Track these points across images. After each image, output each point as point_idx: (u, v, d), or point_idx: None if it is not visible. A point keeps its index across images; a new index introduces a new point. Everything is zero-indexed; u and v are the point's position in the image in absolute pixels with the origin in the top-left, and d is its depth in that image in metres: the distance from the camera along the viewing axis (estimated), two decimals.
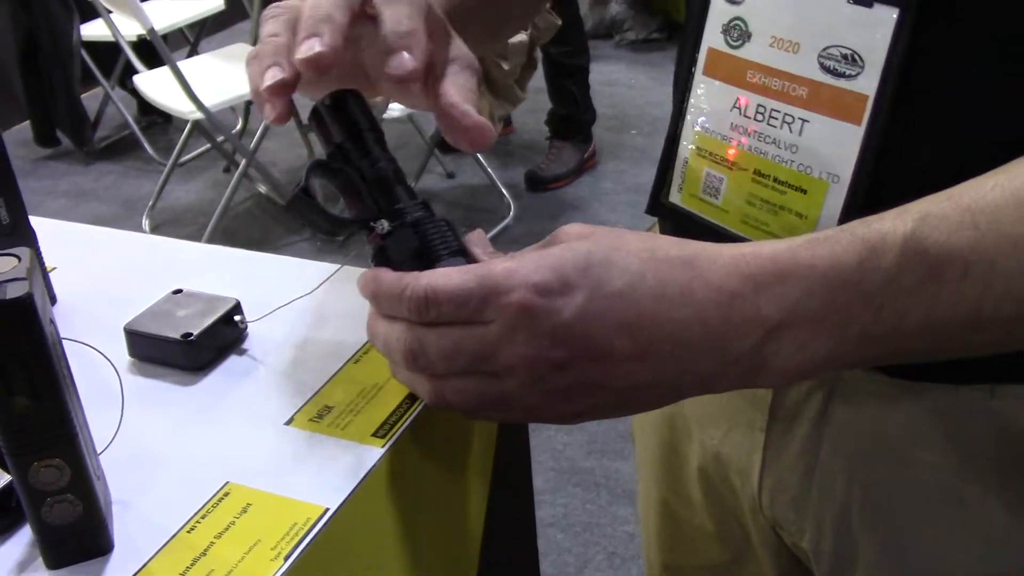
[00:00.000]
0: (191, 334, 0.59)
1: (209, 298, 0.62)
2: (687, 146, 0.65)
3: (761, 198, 0.60)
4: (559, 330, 0.45)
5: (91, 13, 3.07)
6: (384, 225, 0.52)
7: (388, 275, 0.49)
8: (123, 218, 3.18)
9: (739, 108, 0.61)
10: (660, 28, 4.31)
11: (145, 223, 3.10)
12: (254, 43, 3.19)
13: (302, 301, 0.65)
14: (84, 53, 3.45)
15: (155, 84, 2.84)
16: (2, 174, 0.63)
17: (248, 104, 3.41)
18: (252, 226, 3.12)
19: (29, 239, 0.66)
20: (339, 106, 0.55)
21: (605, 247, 0.46)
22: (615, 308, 0.45)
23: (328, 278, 0.67)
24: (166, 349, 0.59)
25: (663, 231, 0.74)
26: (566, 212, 3.05)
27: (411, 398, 0.56)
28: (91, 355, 0.57)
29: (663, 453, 0.80)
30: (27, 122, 3.62)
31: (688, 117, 0.65)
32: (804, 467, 0.65)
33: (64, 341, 0.47)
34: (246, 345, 0.62)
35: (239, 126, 3.50)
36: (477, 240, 0.53)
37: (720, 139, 0.62)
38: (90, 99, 3.65)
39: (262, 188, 3.21)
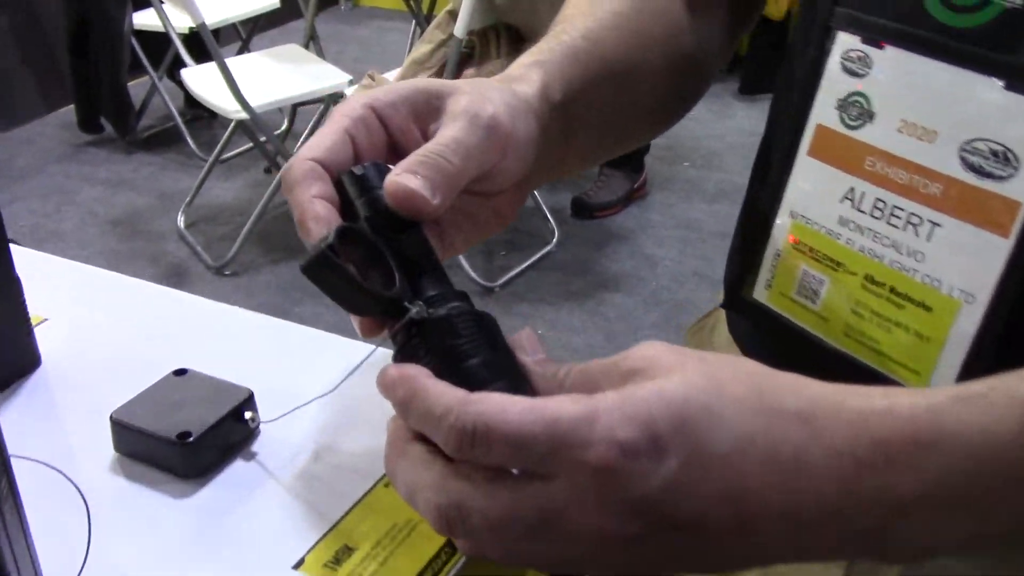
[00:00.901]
0: (189, 434, 0.49)
1: (217, 385, 0.52)
2: (781, 236, 0.55)
3: (872, 309, 0.50)
4: (643, 501, 0.36)
5: (144, 1, 3.02)
6: (421, 310, 0.42)
7: (429, 383, 0.39)
8: (159, 211, 3.13)
9: (852, 200, 0.51)
10: None
11: (180, 219, 3.04)
12: (306, 44, 3.13)
13: (334, 398, 0.55)
14: (134, 41, 3.40)
15: (202, 79, 2.78)
16: None
17: (294, 107, 3.35)
18: (289, 231, 3.03)
19: (11, 291, 0.57)
20: (368, 175, 0.47)
21: (704, 394, 0.37)
22: (714, 476, 0.36)
23: (357, 367, 0.57)
24: (158, 449, 0.50)
25: (739, 331, 0.64)
26: (611, 242, 2.95)
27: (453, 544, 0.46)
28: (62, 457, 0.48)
29: None
30: (72, 106, 3.58)
31: (785, 201, 0.55)
32: None
33: (15, 459, 0.38)
34: (256, 446, 0.52)
35: (284, 127, 3.44)
36: (525, 342, 0.44)
37: (825, 233, 0.52)
38: (137, 88, 3.60)
39: None
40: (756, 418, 0.36)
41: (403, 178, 0.45)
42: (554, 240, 2.90)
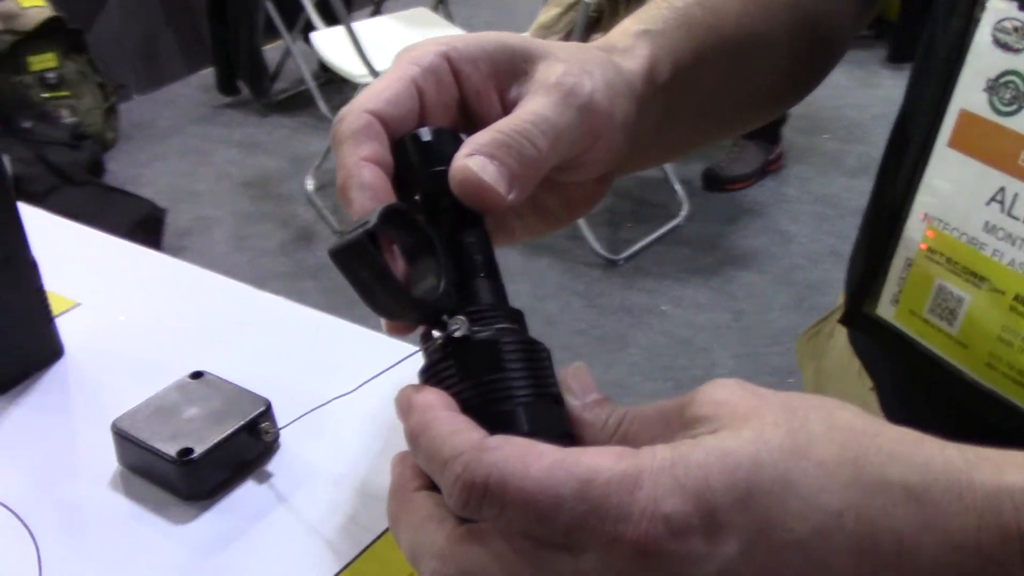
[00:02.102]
0: (191, 451, 0.44)
1: (233, 392, 0.47)
2: (913, 241, 0.46)
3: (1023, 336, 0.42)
4: None
5: None
6: (461, 325, 0.35)
7: (444, 417, 0.33)
8: (289, 174, 3.16)
9: (1001, 202, 0.42)
10: (869, 24, 3.96)
11: (309, 182, 3.06)
12: (435, 7, 3.10)
13: (362, 406, 0.49)
14: (269, 5, 3.43)
15: (331, 43, 2.77)
16: None
17: None
18: None
19: (28, 274, 0.54)
20: (436, 143, 0.39)
21: (781, 457, 0.29)
22: (787, 567, 0.28)
23: (380, 373, 0.51)
24: (158, 466, 0.45)
25: (861, 346, 0.56)
26: (743, 217, 2.82)
27: None
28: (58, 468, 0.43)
29: None
30: (211, 68, 3.65)
31: (918, 201, 0.46)
32: None
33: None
34: (272, 465, 0.46)
35: None
36: (572, 381, 0.36)
37: (966, 242, 0.44)
38: (273, 51, 3.65)
39: None
40: (848, 491, 0.29)
41: (475, 163, 0.37)
42: (683, 213, 2.79)
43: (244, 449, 0.46)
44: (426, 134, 0.39)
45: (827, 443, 0.30)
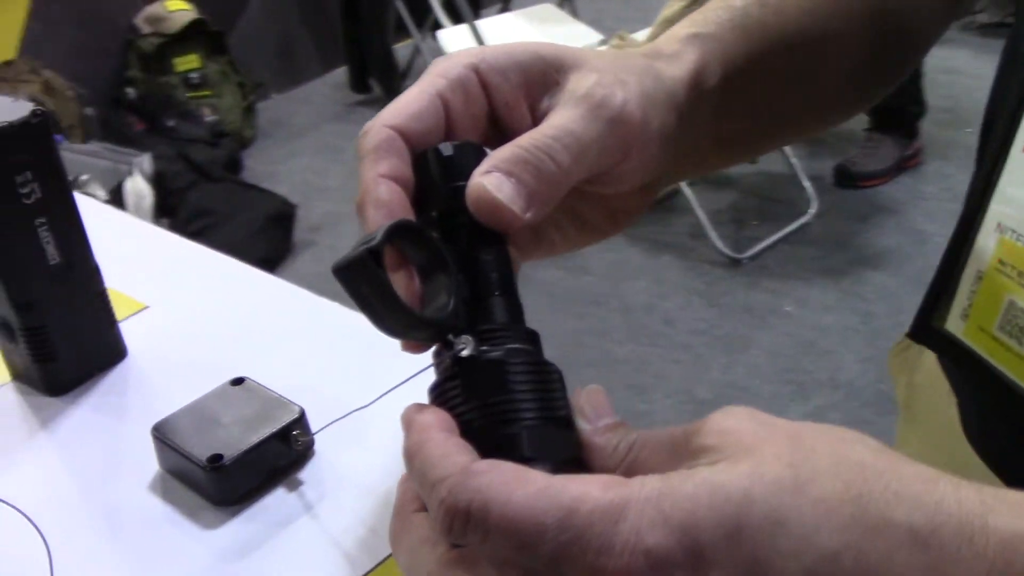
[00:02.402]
0: (221, 457, 0.44)
1: (270, 400, 0.47)
2: (985, 252, 0.43)
3: None
4: None
5: None
6: (468, 345, 0.35)
7: (436, 439, 0.32)
8: None
9: None
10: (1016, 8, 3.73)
11: None
12: (560, 3, 3.10)
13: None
14: (400, 4, 3.50)
15: (457, 40, 2.80)
16: (56, 200, 0.51)
17: None
18: None
19: (90, 279, 0.55)
20: (458, 158, 0.38)
21: (777, 492, 0.27)
22: None
23: (405, 381, 0.50)
24: (191, 471, 0.46)
25: (943, 365, 0.52)
26: (876, 215, 2.71)
27: None
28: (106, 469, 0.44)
29: None
30: (344, 67, 3.75)
31: (991, 211, 0.43)
32: None
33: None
34: (305, 472, 0.46)
35: None
36: (586, 404, 0.35)
37: None
38: (404, 49, 3.71)
39: None
40: (847, 531, 0.27)
41: (491, 181, 0.36)
42: (811, 211, 2.70)
43: (275, 456, 0.47)
44: (447, 148, 0.38)
45: (830, 479, 0.28)
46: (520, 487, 0.29)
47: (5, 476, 0.50)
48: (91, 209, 0.68)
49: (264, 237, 2.70)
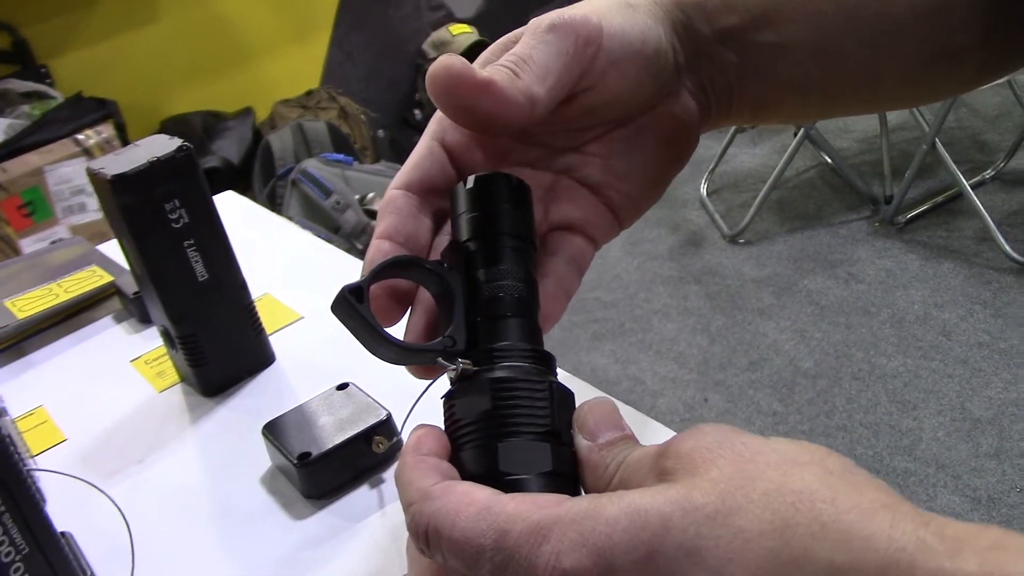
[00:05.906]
0: (309, 455, 0.48)
1: (364, 404, 0.51)
2: None
3: None
4: None
5: None
6: (458, 367, 0.37)
7: (412, 463, 0.34)
8: (687, 178, 3.19)
9: None
10: None
11: (703, 186, 3.07)
12: None
13: None
14: None
15: None
16: (202, 223, 0.57)
17: None
18: (808, 198, 2.92)
19: (237, 294, 0.62)
20: (483, 189, 0.40)
21: (698, 519, 0.27)
22: None
23: (426, 389, 0.50)
24: (287, 467, 0.50)
25: None
26: None
27: None
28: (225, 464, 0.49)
29: None
30: None
31: None
32: None
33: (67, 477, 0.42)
34: (390, 472, 0.49)
35: None
36: (590, 419, 0.35)
37: None
38: None
39: (826, 157, 2.99)
40: (763, 565, 0.26)
41: (441, 60, 0.36)
42: None
43: (359, 456, 0.51)
44: (469, 181, 0.40)
45: (758, 509, 0.27)
46: (464, 509, 0.31)
47: (154, 466, 0.58)
48: (290, 233, 0.75)
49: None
